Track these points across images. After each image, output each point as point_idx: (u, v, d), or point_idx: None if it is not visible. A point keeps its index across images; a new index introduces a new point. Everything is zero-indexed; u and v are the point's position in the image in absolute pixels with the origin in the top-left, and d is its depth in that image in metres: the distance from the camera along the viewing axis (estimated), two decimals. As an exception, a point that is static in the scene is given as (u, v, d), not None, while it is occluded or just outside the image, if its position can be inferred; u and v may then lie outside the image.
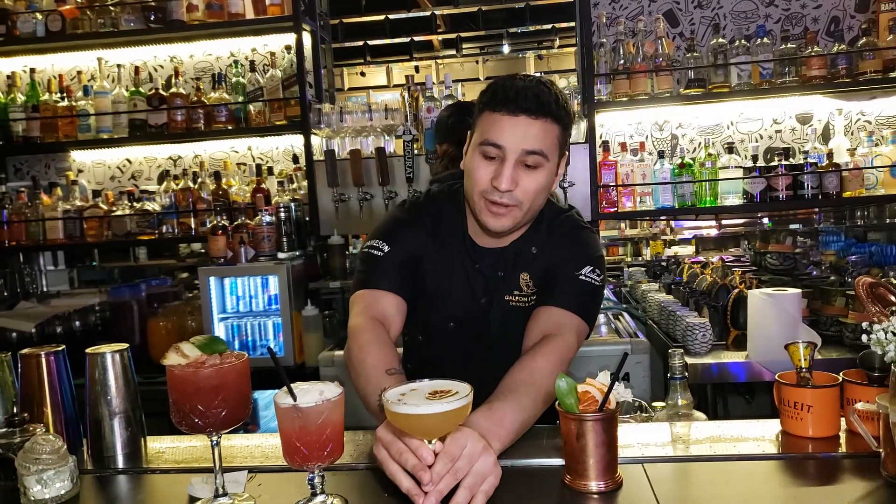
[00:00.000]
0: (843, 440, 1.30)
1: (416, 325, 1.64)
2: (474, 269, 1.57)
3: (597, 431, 1.13)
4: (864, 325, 1.13)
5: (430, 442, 1.08)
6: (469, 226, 1.58)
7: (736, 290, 2.61)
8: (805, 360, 1.31)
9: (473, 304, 1.58)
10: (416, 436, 1.10)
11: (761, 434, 1.37)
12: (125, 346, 1.45)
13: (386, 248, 1.55)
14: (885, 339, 1.08)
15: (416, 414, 1.04)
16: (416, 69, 6.06)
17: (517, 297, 1.56)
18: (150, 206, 3.44)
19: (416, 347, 1.70)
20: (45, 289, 3.92)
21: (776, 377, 1.35)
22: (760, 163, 3.15)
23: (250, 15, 3.34)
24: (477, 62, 6.43)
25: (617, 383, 1.16)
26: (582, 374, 1.44)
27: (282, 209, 3.15)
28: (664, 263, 3.65)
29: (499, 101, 1.39)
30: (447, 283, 1.57)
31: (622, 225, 4.21)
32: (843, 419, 1.32)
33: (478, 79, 6.41)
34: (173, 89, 3.48)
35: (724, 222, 4.11)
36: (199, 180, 3.48)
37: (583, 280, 1.50)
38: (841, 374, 1.32)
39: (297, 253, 3.20)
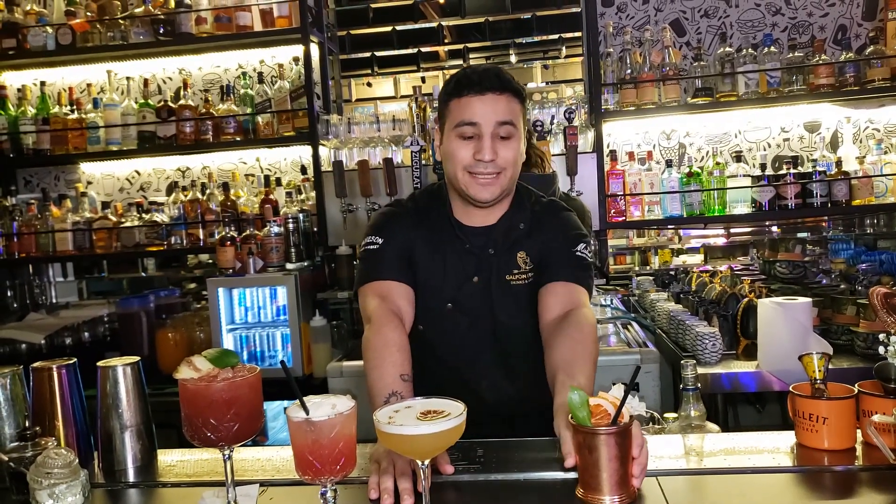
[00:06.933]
0: (859, 452, 1.28)
1: (417, 315, 1.65)
2: (464, 248, 1.65)
3: (610, 445, 1.12)
4: (882, 336, 1.12)
5: (422, 463, 1.07)
6: (455, 209, 1.66)
7: (745, 299, 2.59)
8: (820, 371, 1.30)
9: (467, 283, 1.64)
10: (408, 455, 1.08)
11: (776, 446, 1.35)
12: (136, 359, 1.45)
13: (380, 241, 1.64)
14: (902, 350, 1.07)
15: (407, 435, 1.03)
16: (423, 80, 6.07)
17: (517, 275, 1.64)
18: (158, 217, 3.45)
19: (416, 337, 1.68)
20: (54, 300, 3.93)
21: (791, 389, 1.34)
22: (769, 171, 3.14)
23: (258, 27, 3.35)
24: (483, 72, 6.42)
25: (630, 395, 1.15)
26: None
27: (290, 220, 3.16)
28: (672, 272, 3.63)
29: (464, 86, 1.54)
30: (440, 267, 1.64)
31: (630, 234, 4.20)
32: (858, 431, 1.31)
33: (484, 89, 6.39)
34: (182, 101, 3.50)
35: (733, 231, 4.08)
36: (208, 191, 3.49)
37: (579, 256, 1.64)
38: (856, 385, 1.31)
39: (306, 263, 3.21)
